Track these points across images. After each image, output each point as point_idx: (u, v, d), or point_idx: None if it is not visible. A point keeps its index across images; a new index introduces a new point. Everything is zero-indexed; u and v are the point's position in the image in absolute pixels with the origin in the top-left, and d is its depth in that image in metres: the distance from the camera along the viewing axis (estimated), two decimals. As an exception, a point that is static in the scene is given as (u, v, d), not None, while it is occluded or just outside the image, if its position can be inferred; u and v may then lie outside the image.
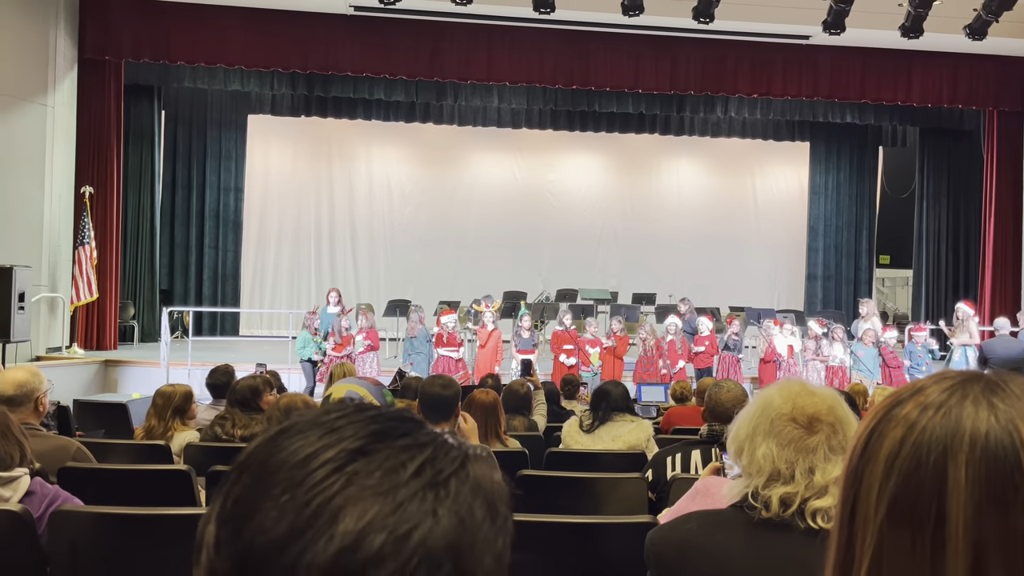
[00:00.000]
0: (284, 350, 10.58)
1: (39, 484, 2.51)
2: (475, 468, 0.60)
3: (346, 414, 0.60)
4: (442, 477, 0.57)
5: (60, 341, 10.98)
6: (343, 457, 0.56)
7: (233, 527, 0.55)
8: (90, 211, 11.08)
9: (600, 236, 15.96)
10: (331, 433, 0.58)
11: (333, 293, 10.53)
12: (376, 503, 0.54)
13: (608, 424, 4.18)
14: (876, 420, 0.65)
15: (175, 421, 4.18)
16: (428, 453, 0.58)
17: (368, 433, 0.58)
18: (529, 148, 15.82)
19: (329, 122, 15.08)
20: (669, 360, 10.15)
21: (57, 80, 10.99)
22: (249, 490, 0.56)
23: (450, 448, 0.60)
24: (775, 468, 1.43)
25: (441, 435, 0.61)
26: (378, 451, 0.57)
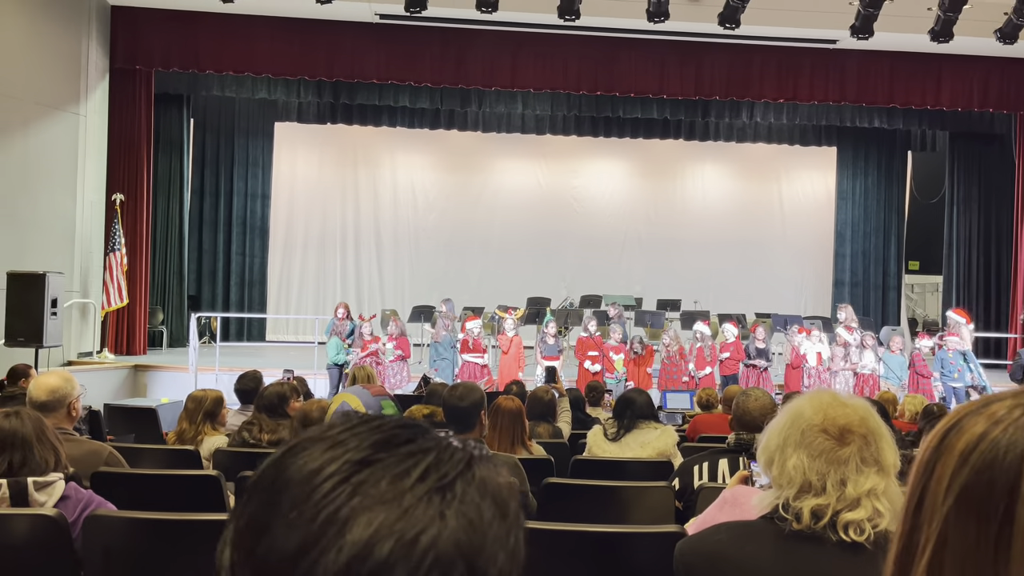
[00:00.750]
0: (310, 356, 10.66)
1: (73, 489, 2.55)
2: (481, 469, 0.60)
3: (350, 427, 0.61)
4: (447, 480, 0.57)
5: (91, 346, 11.16)
6: (347, 469, 0.57)
7: (246, 548, 0.56)
8: (121, 218, 11.26)
9: (624, 242, 15.90)
10: (335, 447, 0.59)
11: (341, 308, 10.53)
12: (383, 511, 0.55)
13: (634, 432, 4.16)
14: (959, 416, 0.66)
15: (205, 425, 4.24)
16: (432, 458, 0.59)
17: (371, 443, 0.59)
18: (553, 154, 15.82)
19: (355, 129, 15.19)
20: (695, 366, 10.08)
21: (89, 89, 11.19)
22: (259, 510, 0.57)
23: (454, 451, 0.60)
24: (806, 479, 1.42)
25: (445, 439, 0.61)
26: (381, 460, 0.58)
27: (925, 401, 6.40)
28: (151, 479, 3.32)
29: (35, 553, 2.42)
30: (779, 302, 14.43)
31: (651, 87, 12.36)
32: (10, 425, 2.49)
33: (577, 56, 12.05)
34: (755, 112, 13.76)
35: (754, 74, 12.27)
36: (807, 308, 15.60)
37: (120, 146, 11.72)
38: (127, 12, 11.54)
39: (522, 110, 14.21)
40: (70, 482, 2.56)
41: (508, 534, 0.58)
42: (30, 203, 10.23)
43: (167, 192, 13.44)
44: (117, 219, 11.21)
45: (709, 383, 9.62)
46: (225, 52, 11.64)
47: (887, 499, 1.41)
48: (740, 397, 3.32)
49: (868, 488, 1.40)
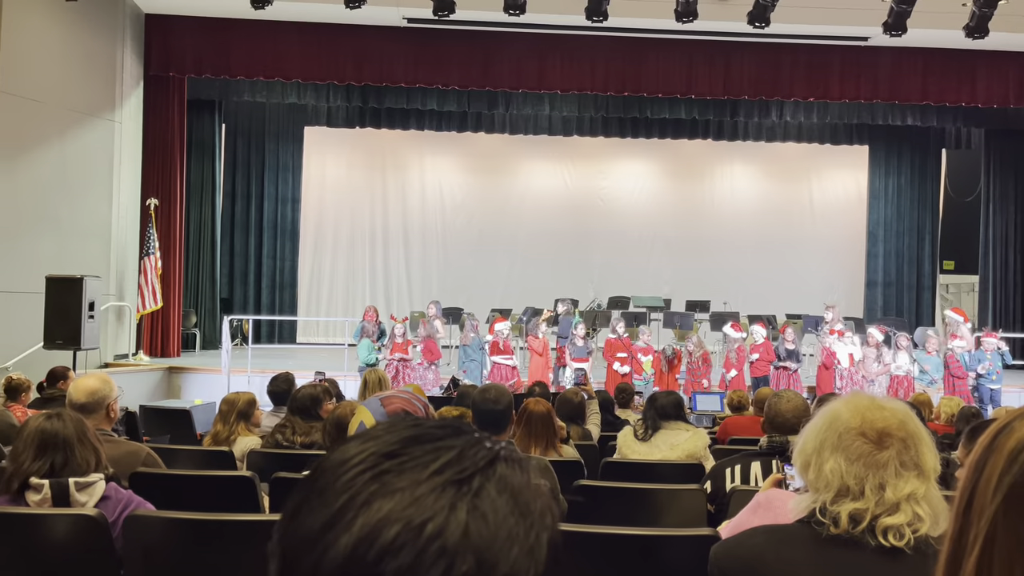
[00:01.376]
0: (340, 358, 10.74)
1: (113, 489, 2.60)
2: (503, 467, 0.61)
3: (392, 425, 0.64)
4: (465, 475, 0.59)
5: (127, 348, 11.35)
6: (372, 460, 0.60)
7: (281, 531, 0.60)
8: (155, 222, 11.44)
9: (652, 243, 15.83)
10: (368, 441, 0.62)
11: (370, 311, 10.54)
12: (396, 498, 0.57)
13: (663, 432, 4.14)
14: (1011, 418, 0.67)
15: (239, 425, 4.30)
16: (454, 454, 0.60)
17: (402, 439, 0.62)
18: (581, 155, 15.80)
19: (383, 133, 15.30)
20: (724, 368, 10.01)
21: (124, 96, 11.39)
22: (297, 495, 0.62)
23: (479, 449, 0.62)
24: (844, 484, 1.40)
25: (476, 438, 0.63)
26: (407, 453, 0.60)
27: (962, 403, 6.29)
28: (187, 479, 3.37)
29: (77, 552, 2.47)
30: (810, 303, 14.26)
31: (679, 87, 12.29)
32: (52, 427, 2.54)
33: (605, 57, 12.02)
34: (785, 111, 13.62)
35: (784, 73, 12.15)
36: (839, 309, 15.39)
37: (154, 151, 11.91)
38: (161, 20, 11.73)
39: (549, 112, 14.21)
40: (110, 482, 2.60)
41: (527, 532, 0.59)
42: (68, 209, 10.44)
43: (200, 196, 13.64)
44: (151, 223, 11.40)
45: (739, 385, 9.54)
46: (255, 58, 11.78)
47: (927, 504, 1.39)
48: (772, 399, 3.29)
49: (908, 492, 1.38)
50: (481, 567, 0.56)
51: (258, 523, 2.57)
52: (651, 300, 13.30)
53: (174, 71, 11.90)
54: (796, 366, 10.22)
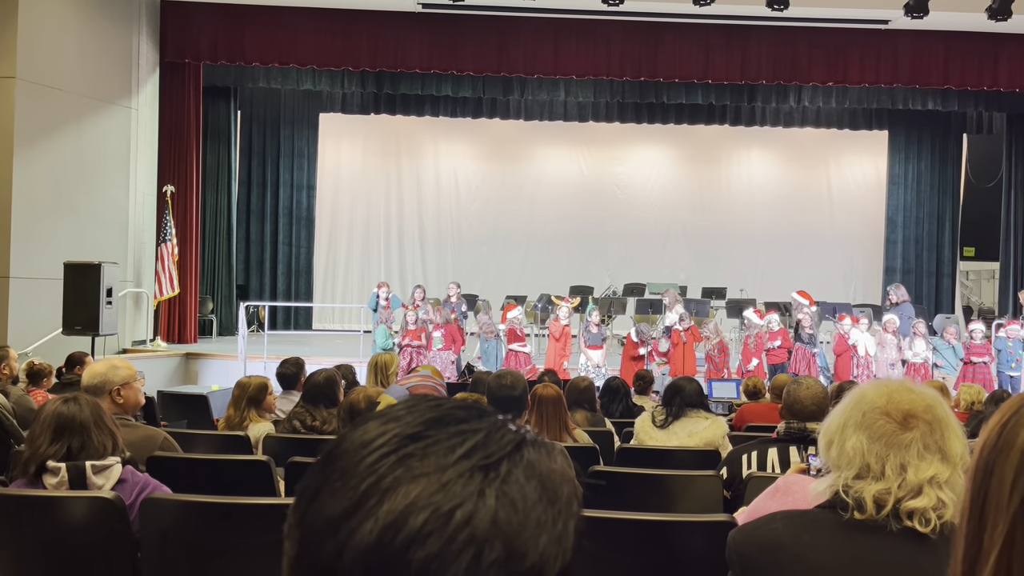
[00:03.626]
0: (355, 344, 10.78)
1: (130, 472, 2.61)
2: (531, 452, 0.60)
3: (412, 405, 0.63)
4: (493, 459, 0.58)
5: (144, 334, 11.44)
6: (395, 442, 0.58)
7: (299, 514, 0.59)
8: (171, 209, 11.50)
9: (668, 230, 15.77)
10: (391, 422, 0.60)
11: (384, 289, 10.37)
12: (422, 483, 0.56)
13: (682, 420, 4.12)
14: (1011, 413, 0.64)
15: (251, 411, 4.31)
16: (480, 437, 0.59)
17: (424, 420, 0.60)
18: (596, 141, 15.73)
19: (398, 119, 15.28)
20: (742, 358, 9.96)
21: (140, 83, 11.43)
22: (314, 478, 0.60)
23: (505, 432, 0.61)
24: (864, 462, 1.38)
25: (500, 421, 0.62)
26: (431, 436, 0.59)
27: (982, 391, 6.22)
28: (204, 463, 3.39)
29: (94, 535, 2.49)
30: (828, 290, 14.17)
31: (696, 72, 12.18)
32: (68, 410, 2.56)
33: (620, 41, 11.93)
34: (803, 96, 13.47)
35: (802, 57, 12.01)
36: (857, 296, 15.28)
37: (170, 138, 11.96)
38: (176, 6, 11.75)
39: (564, 97, 14.13)
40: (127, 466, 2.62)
41: (555, 520, 0.58)
42: (85, 195, 10.51)
43: (216, 183, 13.69)
44: (168, 210, 11.46)
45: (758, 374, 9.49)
46: (270, 44, 11.79)
47: (950, 489, 1.36)
48: (791, 385, 3.27)
49: (930, 475, 1.36)
50: (510, 555, 0.55)
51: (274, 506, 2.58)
52: (667, 287, 13.23)
53: (189, 58, 11.92)
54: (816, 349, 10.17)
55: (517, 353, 9.95)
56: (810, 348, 10.10)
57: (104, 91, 10.84)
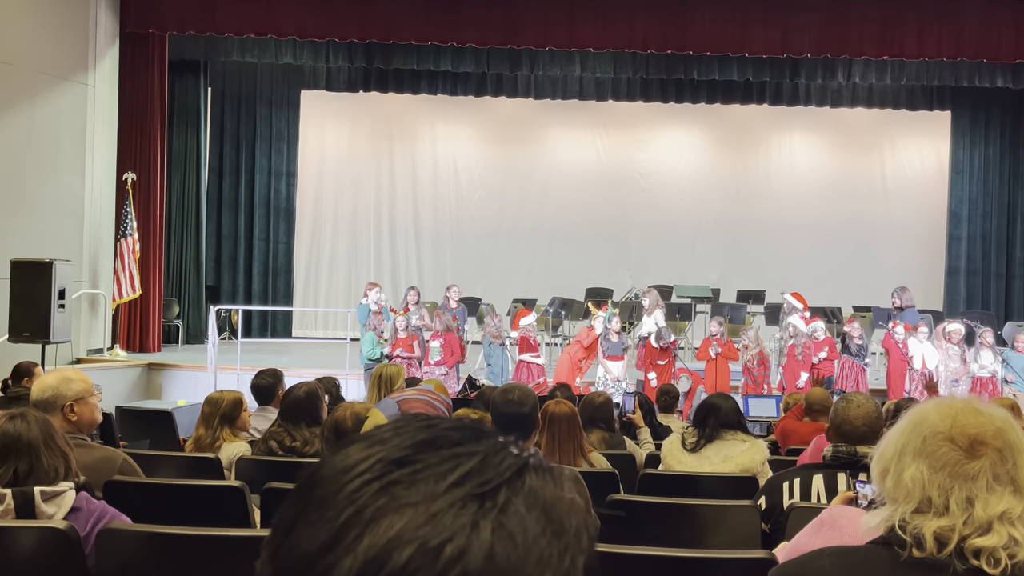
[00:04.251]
0: (341, 354, 10.80)
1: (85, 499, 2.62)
2: (534, 479, 0.60)
3: (401, 426, 0.63)
4: (489, 487, 0.58)
5: (101, 342, 11.48)
6: (379, 468, 0.59)
7: (272, 547, 0.60)
8: (132, 200, 11.54)
9: (699, 224, 15.75)
10: (375, 445, 0.61)
11: (375, 290, 10.39)
12: (408, 514, 0.56)
13: (716, 443, 4.11)
14: None
15: (223, 430, 4.32)
16: (475, 462, 0.59)
17: (413, 443, 0.60)
18: (616, 123, 15.72)
19: (390, 98, 15.31)
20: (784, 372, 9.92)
21: (98, 57, 11.48)
22: (289, 507, 0.60)
23: (505, 457, 0.61)
24: (925, 495, 1.37)
25: (499, 444, 0.62)
26: (419, 460, 0.59)
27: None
28: (169, 489, 3.41)
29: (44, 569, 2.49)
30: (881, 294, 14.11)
31: (731, 44, 12.16)
32: (15, 429, 2.56)
33: (644, 9, 11.92)
34: (853, 71, 13.44)
35: (852, 27, 11.97)
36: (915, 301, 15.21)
37: (131, 119, 12.00)
38: (138, -31, 11.80)
39: (580, 73, 14.12)
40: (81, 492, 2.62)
41: (562, 555, 0.58)
42: (36, 183, 10.55)
43: (183, 170, 13.74)
44: (129, 201, 11.50)
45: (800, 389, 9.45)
46: (246, 12, 11.82)
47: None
48: (840, 403, 3.26)
49: (1001, 510, 1.35)
50: None
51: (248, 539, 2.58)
52: (697, 290, 13.23)
53: (154, 28, 11.96)
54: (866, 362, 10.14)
55: (529, 365, 9.94)
56: (859, 361, 10.06)
57: (57, 66, 10.89)
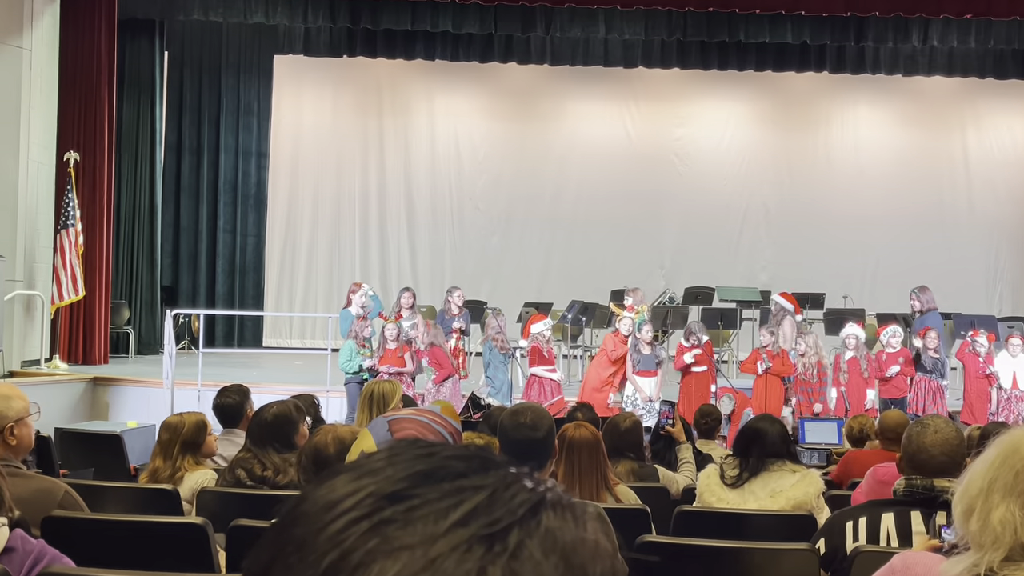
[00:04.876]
0: (320, 367, 10.82)
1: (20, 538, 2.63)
2: (551, 517, 0.60)
3: (395, 454, 0.63)
4: (499, 527, 0.58)
5: (38, 353, 11.52)
6: (369, 504, 0.59)
7: None
8: (75, 184, 11.59)
9: (745, 214, 15.74)
10: (366, 476, 0.61)
11: (359, 292, 10.39)
12: (402, 558, 0.56)
13: (762, 475, 4.11)
14: None
15: (185, 459, 4.34)
16: (483, 497, 0.60)
17: (410, 474, 0.61)
18: (648, 94, 15.72)
19: (380, 64, 15.34)
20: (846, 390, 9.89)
21: (35, 16, 11.52)
22: (264, 552, 0.61)
23: (518, 492, 0.61)
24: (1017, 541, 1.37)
25: (511, 476, 0.62)
26: (417, 495, 0.60)
27: None
28: (118, 527, 3.42)
29: (-28, 621, 2.50)
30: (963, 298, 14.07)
31: (784, 1, 12.14)
32: (-62, 455, 2.58)
33: (681, -41, 11.92)
34: (930, 33, 13.39)
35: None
36: (1003, 306, 15.16)
37: (74, 90, 12.05)
38: (83, -88, 11.86)
39: (605, 35, 14.11)
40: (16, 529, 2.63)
41: None
42: (-40, 165, 10.60)
43: (134, 149, 13.79)
44: (71, 185, 11.54)
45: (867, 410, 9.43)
46: (209, -37, 11.87)
47: None
48: (914, 428, 3.25)
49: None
50: None
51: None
52: (743, 292, 13.19)
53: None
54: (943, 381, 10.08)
55: (542, 380, 9.93)
56: (935, 379, 10.02)
57: (-13, 25, 10.94)
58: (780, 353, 10.12)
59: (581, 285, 13.57)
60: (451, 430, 3.23)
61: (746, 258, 15.48)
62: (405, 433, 3.04)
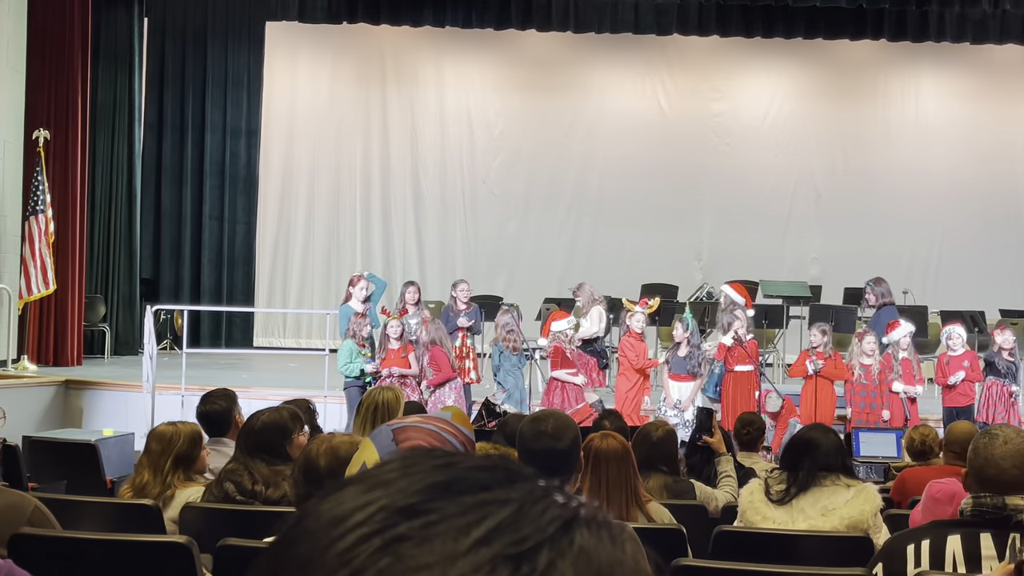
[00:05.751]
0: (318, 369, 10.85)
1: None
2: (585, 536, 0.61)
3: (410, 464, 0.64)
4: (526, 546, 0.58)
5: (4, 353, 11.59)
6: (381, 519, 0.59)
7: None
8: (45, 165, 11.63)
9: (793, 200, 15.71)
10: (377, 488, 0.62)
11: (359, 284, 10.42)
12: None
13: (812, 492, 4.10)
14: None
15: (177, 475, 4.35)
16: (508, 513, 0.60)
17: (426, 486, 0.61)
18: (684, 65, 15.69)
19: (383, 31, 15.35)
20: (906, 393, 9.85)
21: (0, -23, 11.58)
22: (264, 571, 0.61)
23: (547, 506, 0.61)
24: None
25: (540, 489, 0.63)
26: (434, 509, 0.60)
27: None
28: (93, 546, 3.44)
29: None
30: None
31: (837, -42, 12.11)
32: None
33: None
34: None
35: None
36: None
37: (44, 60, 12.09)
38: None
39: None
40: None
41: None
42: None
43: (111, 126, 13.83)
44: (40, 167, 11.59)
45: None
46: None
47: None
48: (981, 440, 3.23)
49: None
50: None
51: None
52: (791, 287, 13.16)
53: (73, -61, 12.07)
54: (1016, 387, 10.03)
55: (564, 385, 9.93)
56: (1009, 384, 9.97)
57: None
58: (833, 355, 10.09)
59: (608, 278, 13.54)
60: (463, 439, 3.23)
61: (794, 249, 15.43)
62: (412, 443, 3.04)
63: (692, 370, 9.95)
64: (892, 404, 9.92)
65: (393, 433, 3.07)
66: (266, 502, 4.11)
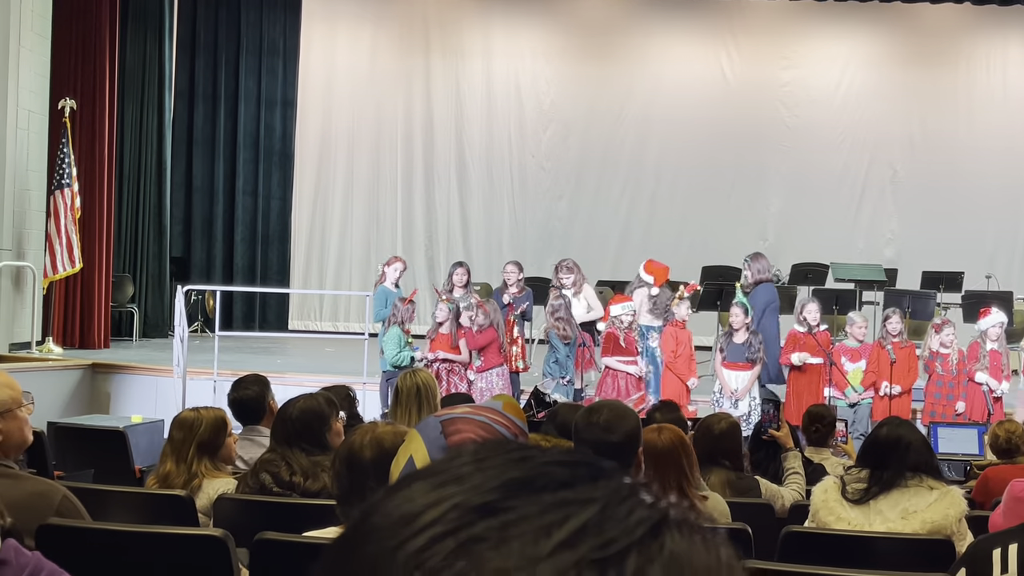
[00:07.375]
0: (356, 354, 10.89)
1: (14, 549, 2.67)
2: (676, 540, 0.60)
3: (484, 456, 0.64)
4: (613, 550, 0.58)
5: (29, 335, 11.73)
6: (455, 518, 0.59)
7: None
8: (71, 137, 11.74)
9: (866, 177, 15.60)
10: (450, 484, 0.61)
11: (396, 264, 10.49)
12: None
13: (894, 493, 4.06)
14: None
15: (202, 463, 4.38)
16: (593, 513, 0.59)
17: (503, 483, 0.61)
18: (749, 29, 15.58)
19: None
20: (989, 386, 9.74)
21: (25, -62, 11.68)
22: (329, 568, 0.62)
23: (635, 507, 0.61)
24: None
25: (625, 488, 0.62)
26: (513, 508, 0.59)
27: None
28: (124, 538, 3.47)
29: (-42, 644, 2.56)
30: None
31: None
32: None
33: None
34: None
35: None
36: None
37: (70, 27, 12.19)
38: None
39: (698, -42, 14.00)
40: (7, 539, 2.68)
41: None
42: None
43: (139, 96, 13.93)
44: (66, 138, 11.70)
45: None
46: None
47: None
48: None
49: None
50: None
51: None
52: (864, 270, 13.07)
53: (101, -103, 12.15)
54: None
55: (616, 375, 9.91)
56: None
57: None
58: (907, 345, 9.98)
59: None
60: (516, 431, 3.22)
61: (867, 229, 15.31)
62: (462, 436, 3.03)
63: (751, 357, 9.89)
64: (973, 396, 9.80)
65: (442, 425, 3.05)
66: (305, 494, 4.13)
